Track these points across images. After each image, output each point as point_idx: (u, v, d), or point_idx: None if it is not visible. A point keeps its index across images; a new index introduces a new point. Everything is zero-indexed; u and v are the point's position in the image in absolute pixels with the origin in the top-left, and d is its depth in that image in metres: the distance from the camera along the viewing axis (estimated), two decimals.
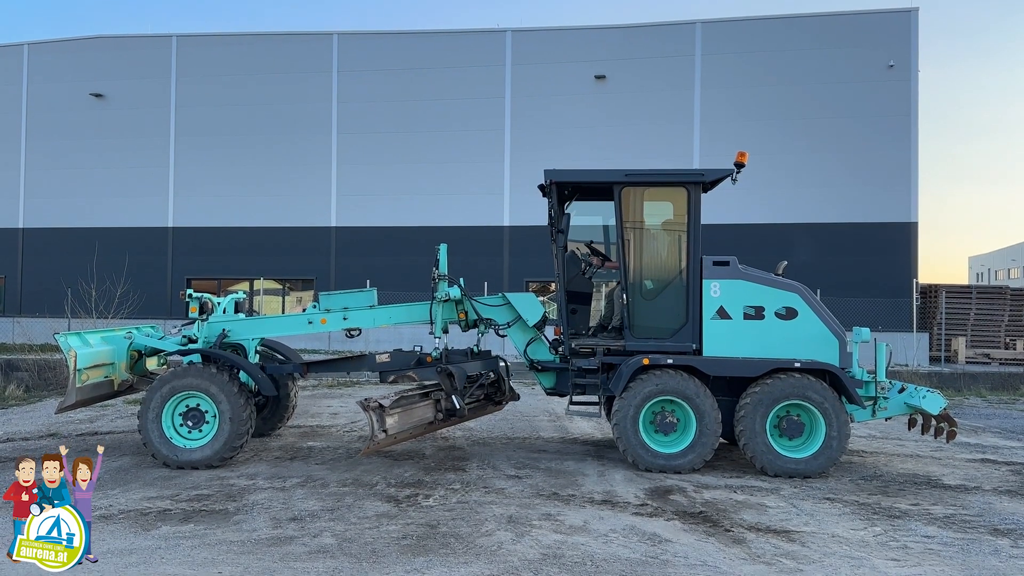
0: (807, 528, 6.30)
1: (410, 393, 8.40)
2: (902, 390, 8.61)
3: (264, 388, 8.66)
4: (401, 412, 8.01)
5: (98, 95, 26.62)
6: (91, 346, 8.73)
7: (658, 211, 8.98)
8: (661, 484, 7.69)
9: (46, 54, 27.36)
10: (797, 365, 8.08)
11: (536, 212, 11.32)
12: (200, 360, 8.60)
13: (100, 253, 23.36)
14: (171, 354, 9.24)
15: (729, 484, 7.75)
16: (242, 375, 8.56)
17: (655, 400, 8.14)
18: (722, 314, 8.32)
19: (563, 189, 8.96)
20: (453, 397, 8.33)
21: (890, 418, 9.06)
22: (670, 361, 8.20)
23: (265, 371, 8.76)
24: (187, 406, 8.24)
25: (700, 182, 8.45)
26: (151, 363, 9.48)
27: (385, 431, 7.71)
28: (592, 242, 9.78)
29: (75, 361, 8.27)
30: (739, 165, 8.44)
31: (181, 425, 8.23)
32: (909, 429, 9.17)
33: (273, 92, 25.75)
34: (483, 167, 24.63)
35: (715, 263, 8.38)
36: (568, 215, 8.73)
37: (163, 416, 8.14)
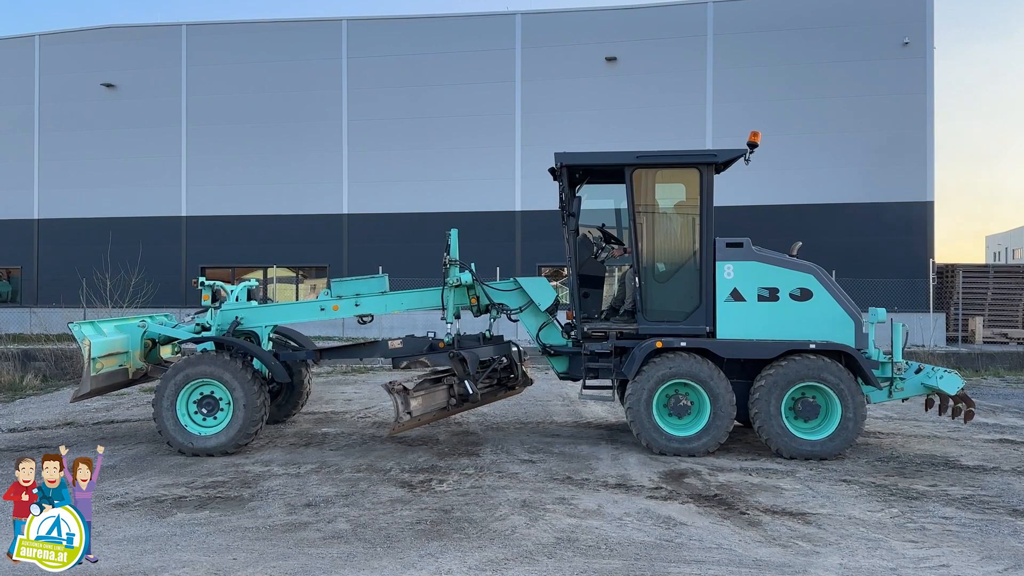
0: (823, 510, 6.26)
1: (430, 377, 8.45)
2: (919, 371, 8.52)
3: (277, 375, 8.68)
4: (424, 395, 8.12)
5: (109, 85, 26.66)
6: (105, 335, 8.77)
7: (670, 193, 8.90)
8: (675, 467, 7.66)
9: (57, 45, 27.40)
10: (812, 347, 8.02)
11: (548, 196, 11.27)
12: (214, 348, 8.63)
13: (114, 243, 23.50)
14: (185, 342, 9.28)
15: (744, 467, 7.72)
16: (256, 362, 8.59)
17: (669, 383, 8.10)
18: (736, 296, 8.26)
19: (574, 172, 8.89)
20: (466, 382, 8.33)
21: (907, 399, 8.98)
22: (683, 344, 8.15)
23: (278, 358, 8.79)
24: (201, 393, 8.28)
25: (712, 163, 8.35)
26: (165, 351, 9.53)
27: (410, 413, 7.83)
28: (604, 225, 9.72)
29: (89, 350, 8.31)
30: (752, 145, 8.34)
31: (196, 412, 8.27)
32: (926, 410, 9.09)
33: (283, 79, 25.71)
34: (494, 151, 24.53)
35: (728, 245, 8.31)
36: (579, 198, 8.66)
37: (177, 404, 8.18)
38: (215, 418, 8.25)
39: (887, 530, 5.78)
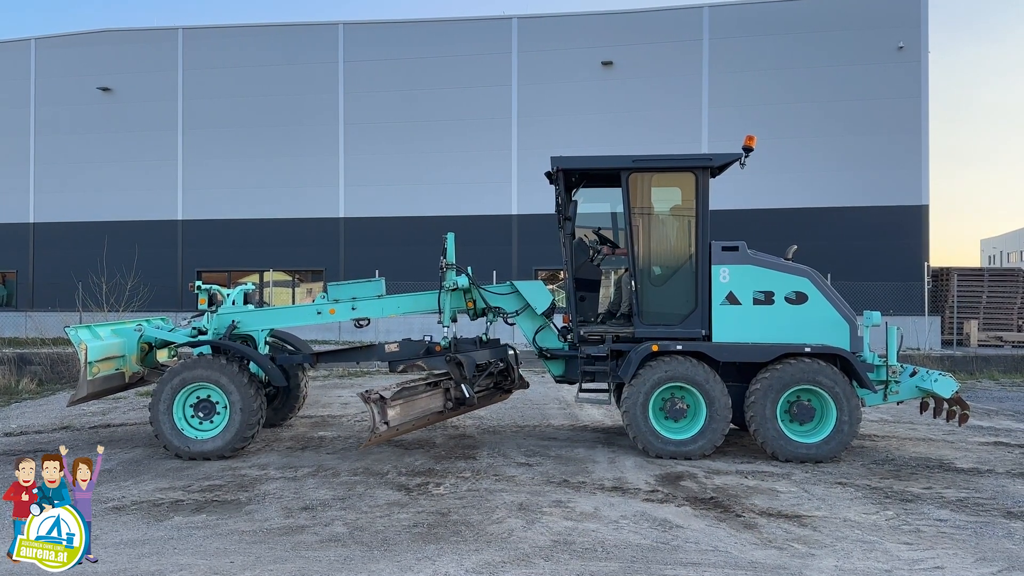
0: (819, 513, 6.29)
1: (414, 384, 8.34)
2: (914, 374, 8.56)
3: (274, 378, 8.68)
4: (403, 403, 7.95)
5: (106, 89, 26.63)
6: (101, 339, 8.77)
7: (666, 196, 8.93)
8: (672, 470, 7.68)
9: (53, 49, 27.37)
10: (807, 350, 8.04)
11: (544, 200, 11.28)
12: (210, 351, 8.63)
13: (110, 247, 23.49)
14: (181, 346, 9.27)
15: (740, 470, 7.74)
16: (252, 366, 8.59)
17: (665, 386, 8.12)
18: (731, 299, 8.28)
19: (570, 176, 8.92)
20: (463, 386, 8.32)
21: (902, 402, 9.01)
22: (679, 347, 8.18)
23: (275, 361, 8.79)
24: (198, 397, 8.27)
25: (708, 167, 8.39)
26: (162, 355, 9.52)
27: (387, 423, 7.67)
28: (600, 229, 9.75)
29: (86, 354, 8.30)
30: (747, 149, 8.37)
31: (192, 416, 8.27)
32: (921, 413, 9.12)
33: (280, 83, 25.71)
34: (490, 155, 24.56)
35: (724, 248, 8.33)
36: (575, 202, 8.68)
37: (174, 407, 8.19)
38: (212, 422, 8.25)
39: (882, 532, 5.81)
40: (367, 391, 7.75)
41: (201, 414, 8.26)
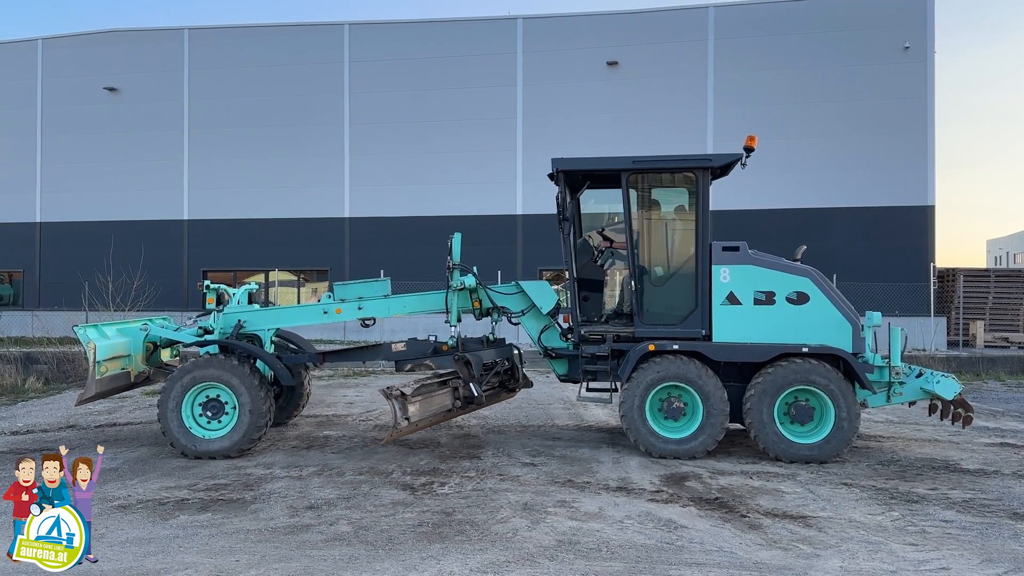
0: (824, 513, 6.28)
1: (429, 381, 8.44)
2: (920, 375, 8.54)
3: (283, 377, 8.70)
4: (422, 400, 8.07)
5: (112, 89, 26.71)
6: (108, 338, 8.81)
7: (667, 197, 8.95)
8: (676, 470, 7.68)
9: (60, 49, 27.46)
10: (805, 350, 8.03)
11: (549, 200, 11.27)
12: (217, 351, 8.66)
13: (116, 246, 23.51)
14: (188, 346, 9.30)
15: (745, 470, 7.74)
16: (259, 364, 8.61)
17: (661, 386, 8.12)
18: (732, 299, 8.27)
19: (574, 177, 8.92)
20: (471, 385, 8.35)
21: (913, 403, 8.99)
22: (676, 347, 8.17)
23: (282, 361, 8.81)
24: (207, 396, 8.30)
25: (709, 167, 8.38)
26: (166, 354, 9.56)
27: (407, 419, 7.77)
28: (604, 229, 9.76)
29: (95, 353, 8.33)
30: (748, 149, 8.35)
31: (200, 415, 8.29)
32: (930, 414, 9.07)
33: (285, 83, 25.75)
34: (495, 155, 24.56)
35: (725, 248, 8.32)
36: (576, 202, 8.70)
37: (183, 406, 8.21)
38: (220, 421, 8.27)
39: (887, 533, 5.80)
40: (388, 387, 7.83)
41: (209, 413, 8.28)
